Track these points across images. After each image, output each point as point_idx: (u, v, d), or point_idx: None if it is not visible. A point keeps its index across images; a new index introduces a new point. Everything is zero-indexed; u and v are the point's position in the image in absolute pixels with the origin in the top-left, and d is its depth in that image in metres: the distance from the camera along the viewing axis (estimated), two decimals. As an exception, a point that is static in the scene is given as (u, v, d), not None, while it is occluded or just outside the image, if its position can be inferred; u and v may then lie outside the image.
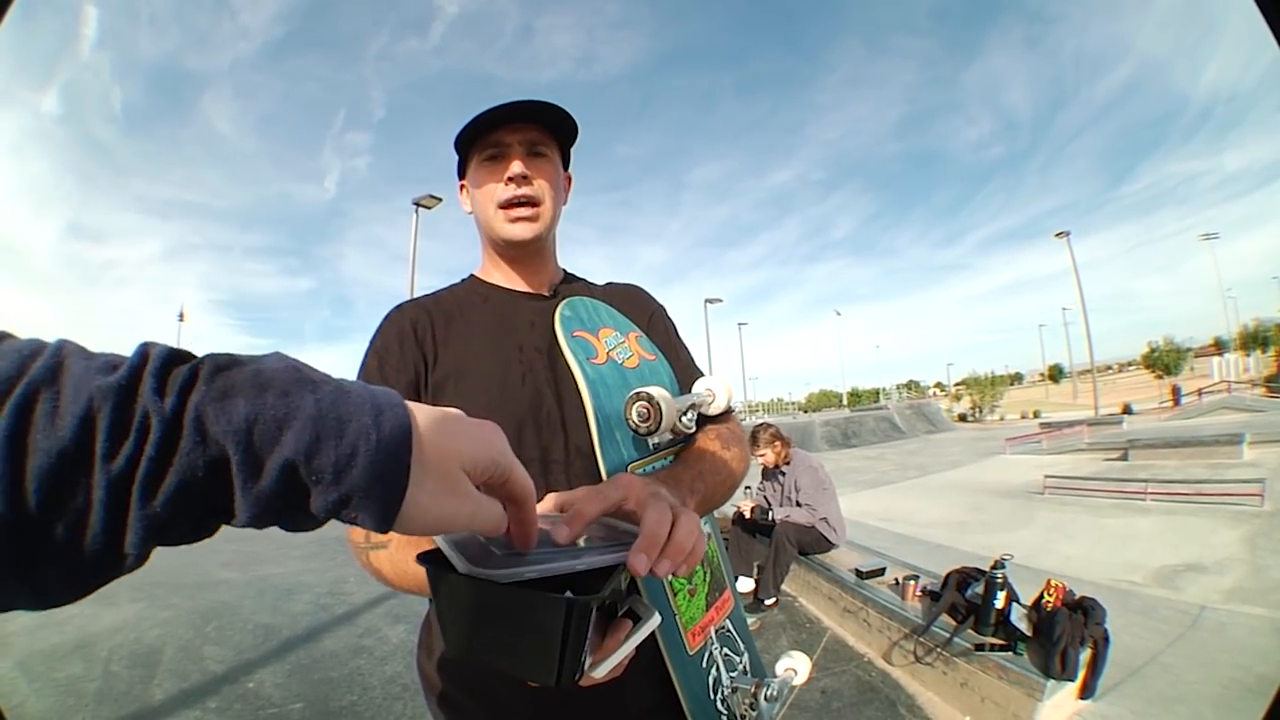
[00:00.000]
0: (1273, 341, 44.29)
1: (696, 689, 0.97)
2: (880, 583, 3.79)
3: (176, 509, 0.28)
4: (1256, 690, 2.65)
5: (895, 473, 13.37)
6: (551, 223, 1.04)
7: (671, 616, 0.96)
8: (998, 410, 44.98)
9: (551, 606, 0.45)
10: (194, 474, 0.28)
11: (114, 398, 0.27)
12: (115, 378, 0.28)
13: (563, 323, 1.01)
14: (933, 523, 7.28)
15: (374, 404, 0.33)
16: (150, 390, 0.28)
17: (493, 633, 0.49)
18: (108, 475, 0.27)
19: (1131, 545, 5.56)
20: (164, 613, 4.59)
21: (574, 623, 0.45)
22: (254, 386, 0.30)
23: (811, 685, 3.16)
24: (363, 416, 0.32)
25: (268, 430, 0.30)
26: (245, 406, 0.29)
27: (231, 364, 0.31)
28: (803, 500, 4.47)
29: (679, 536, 0.58)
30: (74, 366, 0.28)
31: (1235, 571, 4.51)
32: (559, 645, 0.45)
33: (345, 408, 0.32)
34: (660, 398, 0.80)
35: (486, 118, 0.96)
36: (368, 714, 3.05)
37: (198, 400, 0.29)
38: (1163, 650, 3.17)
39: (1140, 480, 7.72)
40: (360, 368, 0.95)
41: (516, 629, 0.48)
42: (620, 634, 0.57)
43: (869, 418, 28.48)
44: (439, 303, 1.03)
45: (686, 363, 1.15)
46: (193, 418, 0.28)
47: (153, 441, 0.28)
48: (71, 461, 0.26)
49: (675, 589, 0.98)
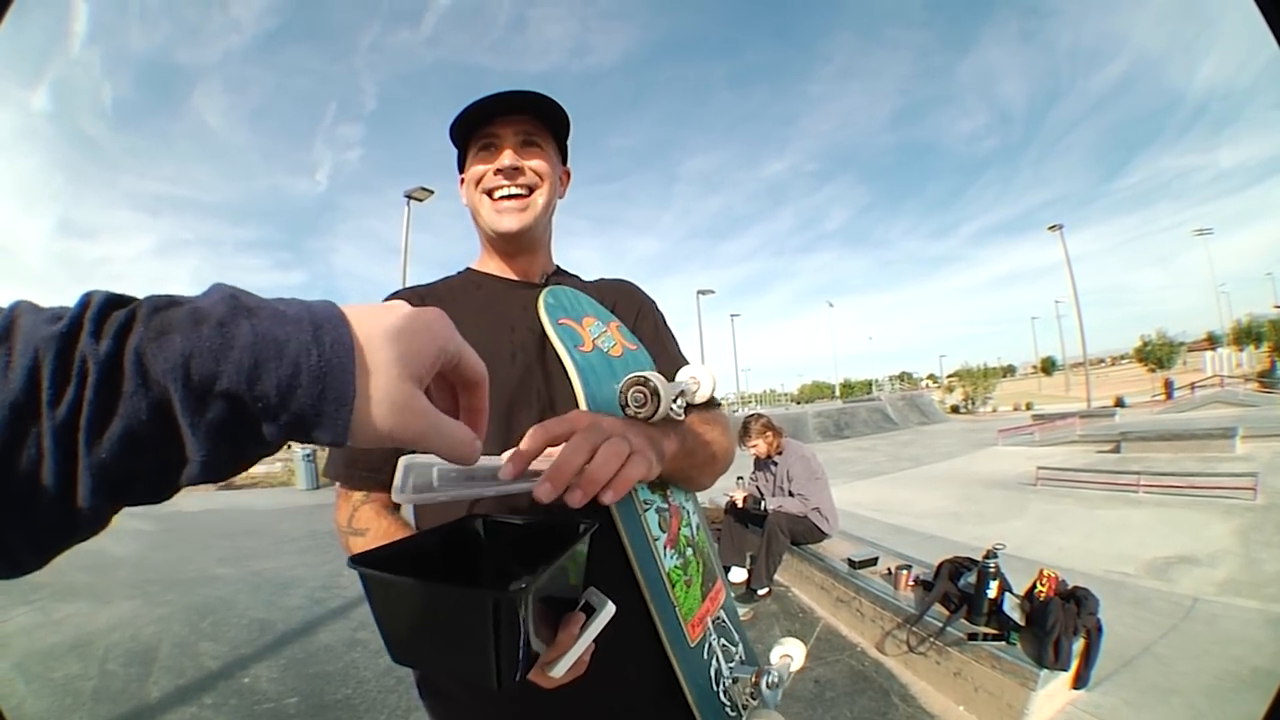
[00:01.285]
0: (1266, 337, 44.48)
1: (700, 681, 0.97)
2: (873, 572, 3.81)
3: (127, 456, 0.28)
4: (1251, 683, 2.67)
5: (888, 464, 13.40)
6: (542, 213, 1.03)
7: (672, 608, 0.95)
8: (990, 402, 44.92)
9: (476, 603, 0.43)
10: (138, 417, 0.28)
11: (55, 345, 0.27)
12: (58, 327, 0.28)
13: (547, 310, 1.01)
14: (925, 513, 7.31)
15: (312, 320, 0.33)
16: (88, 335, 0.28)
17: (427, 635, 0.47)
18: (53, 422, 0.27)
19: (1124, 537, 5.59)
20: (159, 609, 4.59)
21: (503, 619, 0.43)
22: (190, 322, 0.29)
23: (805, 675, 3.17)
24: (301, 334, 0.32)
25: (205, 363, 0.29)
26: (181, 342, 0.29)
27: (170, 304, 0.30)
28: (795, 490, 4.48)
29: (594, 466, 0.57)
30: (24, 322, 0.28)
31: (1228, 564, 4.53)
32: (492, 645, 0.43)
33: (282, 329, 0.31)
34: (658, 382, 0.80)
35: (479, 109, 0.96)
36: (362, 707, 3.06)
37: (136, 342, 0.28)
38: (1156, 641, 3.19)
39: (1133, 473, 7.76)
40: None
41: (449, 630, 0.45)
42: (573, 628, 0.54)
43: (862, 409, 28.45)
44: (433, 290, 1.05)
45: (674, 354, 1.15)
46: (133, 360, 0.28)
47: (91, 385, 0.27)
48: (21, 413, 0.26)
49: (673, 580, 0.98)
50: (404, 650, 0.48)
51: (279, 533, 6.77)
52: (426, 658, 0.48)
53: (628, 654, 0.93)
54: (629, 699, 0.93)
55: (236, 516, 9.24)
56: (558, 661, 0.52)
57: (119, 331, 0.28)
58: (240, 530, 7.19)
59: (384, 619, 0.48)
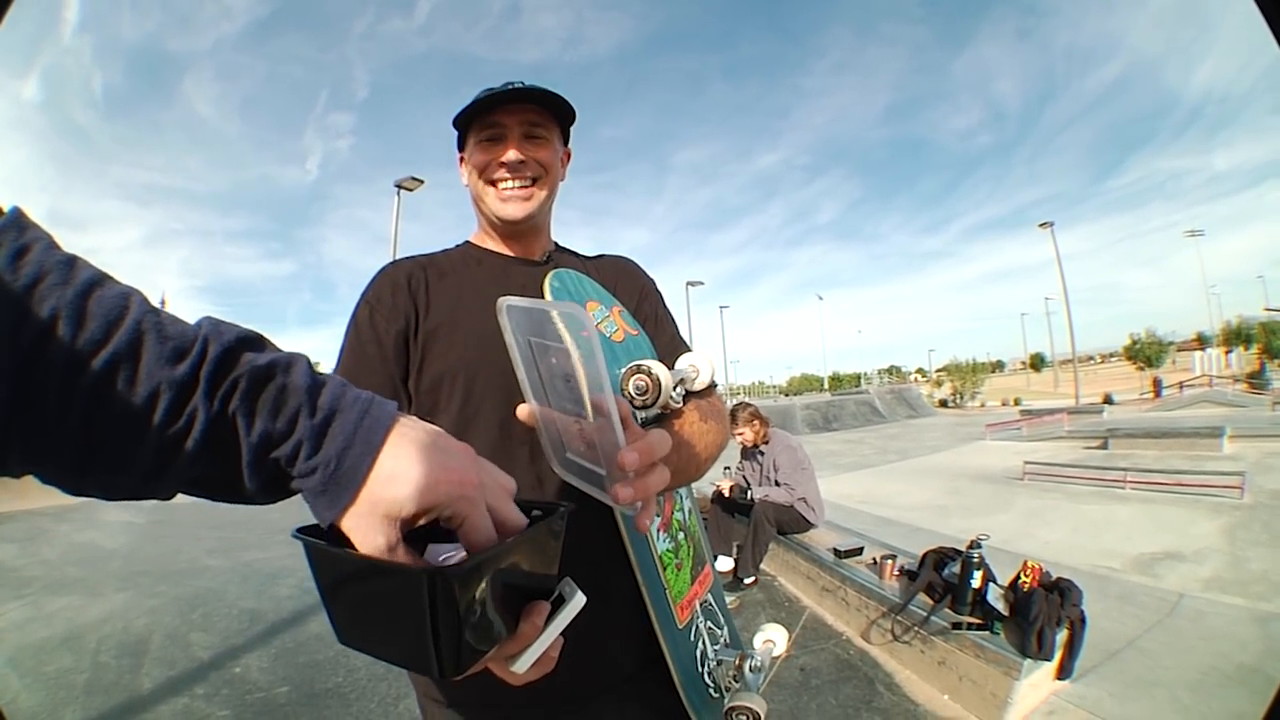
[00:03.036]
0: (1255, 339, 44.71)
1: (686, 662, 1.00)
2: (858, 562, 3.84)
3: (204, 469, 0.40)
4: (1235, 679, 2.71)
5: (875, 456, 13.48)
6: (545, 201, 1.05)
7: (662, 591, 0.98)
8: (979, 397, 45.22)
9: (411, 581, 0.40)
10: (218, 459, 0.40)
11: (172, 392, 0.37)
12: (179, 372, 0.37)
13: (552, 293, 1.01)
14: (912, 506, 7.37)
15: (347, 441, 0.41)
16: (202, 394, 0.38)
17: (366, 617, 0.45)
18: (161, 440, 0.37)
19: (1110, 532, 5.65)
20: (151, 601, 4.57)
21: (439, 599, 0.39)
22: (272, 410, 0.40)
23: (790, 663, 3.20)
24: (337, 444, 0.41)
25: (275, 442, 0.40)
26: (261, 425, 0.39)
27: (266, 377, 0.40)
28: (781, 480, 4.51)
29: (653, 482, 0.60)
30: (150, 349, 0.36)
31: (1214, 562, 4.58)
32: (429, 628, 0.39)
33: (331, 433, 0.41)
34: (659, 371, 0.81)
35: (486, 101, 0.96)
36: (353, 695, 3.07)
37: (234, 409, 0.39)
38: (1140, 635, 3.23)
39: (1119, 469, 7.85)
40: (351, 319, 0.95)
41: (386, 611, 0.43)
42: (537, 618, 0.49)
43: (850, 402, 28.62)
44: (434, 260, 1.04)
45: (672, 336, 1.16)
46: (228, 425, 0.39)
47: (194, 437, 0.37)
48: (137, 423, 0.36)
49: (665, 563, 1.00)
50: (349, 631, 0.46)
51: (268, 523, 6.73)
52: (370, 641, 0.45)
53: (617, 634, 0.95)
54: (615, 678, 0.95)
55: (226, 508, 9.05)
56: (519, 656, 0.48)
57: (225, 396, 0.38)
58: (229, 521, 7.14)
59: (328, 596, 0.46)
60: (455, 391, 0.91)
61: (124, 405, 0.35)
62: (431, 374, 0.92)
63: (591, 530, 0.92)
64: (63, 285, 0.35)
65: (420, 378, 0.92)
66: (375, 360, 0.92)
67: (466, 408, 0.91)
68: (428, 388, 0.92)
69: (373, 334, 0.92)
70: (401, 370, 0.93)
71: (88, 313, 0.35)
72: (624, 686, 0.96)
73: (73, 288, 0.35)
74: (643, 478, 0.58)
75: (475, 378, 0.91)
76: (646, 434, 0.61)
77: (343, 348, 0.95)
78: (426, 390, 0.92)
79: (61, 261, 0.36)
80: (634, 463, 0.55)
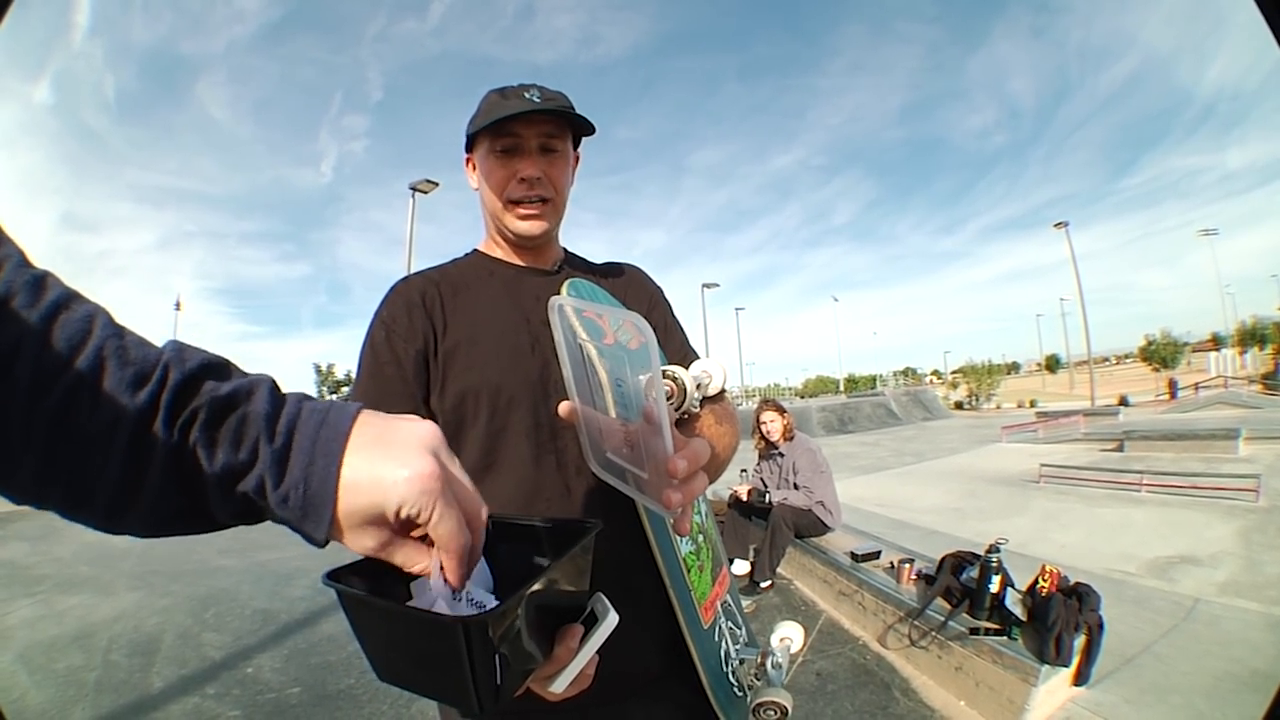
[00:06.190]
0: (1270, 339, 44.24)
1: (712, 661, 1.00)
2: (875, 566, 3.81)
3: (167, 500, 0.38)
4: (1251, 684, 2.66)
5: (891, 459, 13.40)
6: (559, 214, 1.04)
7: (688, 592, 0.98)
8: (994, 399, 44.86)
9: (446, 631, 0.41)
10: (183, 492, 0.38)
11: (132, 424, 0.36)
12: (139, 400, 0.36)
13: None
14: (928, 509, 7.31)
15: (309, 458, 0.40)
16: (162, 423, 0.37)
17: (407, 659, 0.46)
18: (122, 472, 0.36)
19: (1126, 536, 5.58)
20: (163, 600, 4.62)
21: (475, 644, 0.40)
22: (233, 441, 0.39)
23: (807, 668, 3.18)
24: (300, 464, 0.40)
25: (237, 475, 0.39)
26: (223, 456, 0.38)
27: (227, 408, 0.39)
28: (800, 483, 4.49)
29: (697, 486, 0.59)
30: (110, 374, 0.35)
31: (1230, 566, 4.52)
32: (468, 672, 0.41)
33: (293, 456, 0.40)
34: (684, 376, 0.83)
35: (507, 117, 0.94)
36: (365, 697, 3.07)
37: (193, 441, 0.38)
38: (1156, 640, 3.18)
39: (1135, 472, 7.73)
40: (365, 339, 0.94)
41: (426, 654, 0.44)
42: (571, 640, 0.50)
43: (866, 404, 28.43)
44: (445, 275, 1.03)
45: (681, 343, 1.16)
46: (188, 456, 0.38)
47: (158, 464, 0.37)
48: (97, 452, 0.35)
49: (688, 565, 1.00)
50: (387, 671, 0.47)
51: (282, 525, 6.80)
52: (408, 679, 0.46)
53: (646, 635, 0.95)
54: (644, 679, 0.95)
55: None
56: (556, 677, 0.50)
57: (184, 427, 0.37)
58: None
59: (364, 639, 0.47)
60: (481, 407, 0.91)
61: (82, 433, 0.34)
62: (454, 391, 0.91)
63: (619, 534, 0.92)
64: (29, 307, 0.34)
65: (444, 396, 0.92)
66: (396, 382, 0.91)
67: (494, 422, 0.91)
68: (452, 405, 0.91)
69: (391, 355, 0.92)
70: (423, 390, 0.92)
71: (53, 336, 0.34)
72: (652, 687, 0.95)
73: (38, 310, 0.34)
74: (688, 483, 0.58)
75: (499, 392, 0.91)
76: (690, 441, 0.61)
77: (360, 371, 0.94)
78: (451, 408, 0.91)
79: (30, 281, 0.35)
80: (684, 470, 0.55)
